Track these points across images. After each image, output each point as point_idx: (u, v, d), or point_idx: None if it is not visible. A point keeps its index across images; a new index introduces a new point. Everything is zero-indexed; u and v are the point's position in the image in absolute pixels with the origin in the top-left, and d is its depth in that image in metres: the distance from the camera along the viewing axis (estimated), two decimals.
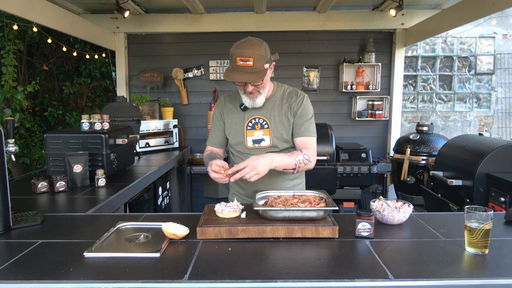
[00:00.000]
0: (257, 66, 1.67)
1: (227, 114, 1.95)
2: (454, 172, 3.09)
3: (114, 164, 2.55)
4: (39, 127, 5.40)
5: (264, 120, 1.89)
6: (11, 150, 1.70)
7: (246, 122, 1.90)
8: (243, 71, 1.67)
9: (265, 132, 1.89)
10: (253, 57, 1.65)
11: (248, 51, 1.65)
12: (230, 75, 1.69)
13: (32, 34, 5.02)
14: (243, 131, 1.90)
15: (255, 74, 1.68)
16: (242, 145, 1.92)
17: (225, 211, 1.48)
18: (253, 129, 1.89)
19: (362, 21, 4.42)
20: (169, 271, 1.12)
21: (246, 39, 1.72)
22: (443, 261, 1.17)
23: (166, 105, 4.46)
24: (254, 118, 1.89)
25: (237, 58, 1.66)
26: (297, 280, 1.06)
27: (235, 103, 1.94)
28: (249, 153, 1.91)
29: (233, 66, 1.70)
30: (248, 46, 1.67)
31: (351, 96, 4.73)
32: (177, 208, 4.17)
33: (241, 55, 1.65)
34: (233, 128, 1.93)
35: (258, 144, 1.90)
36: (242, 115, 1.91)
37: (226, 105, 1.96)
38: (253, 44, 1.68)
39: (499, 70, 6.29)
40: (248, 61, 1.65)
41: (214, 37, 4.66)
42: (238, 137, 1.92)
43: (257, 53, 1.67)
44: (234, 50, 1.69)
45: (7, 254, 1.26)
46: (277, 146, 1.90)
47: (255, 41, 1.70)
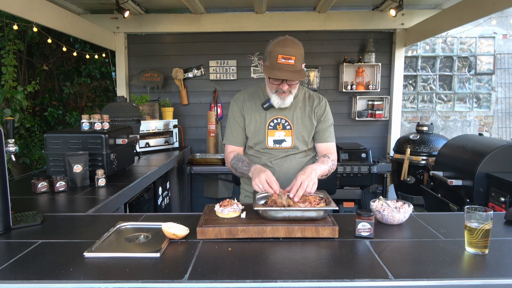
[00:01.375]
0: (297, 65, 1.67)
1: (247, 112, 1.91)
2: (454, 172, 3.09)
3: (114, 164, 2.55)
4: (39, 127, 5.40)
5: (286, 121, 1.88)
6: (11, 150, 1.70)
7: (268, 121, 1.88)
8: (284, 69, 1.65)
9: (287, 133, 1.88)
10: (295, 56, 1.65)
11: (291, 50, 1.65)
12: (272, 73, 1.67)
13: (32, 34, 5.02)
14: (264, 131, 1.88)
15: (296, 73, 1.67)
16: (262, 145, 1.90)
17: (225, 211, 1.48)
18: (274, 129, 1.88)
19: (362, 21, 4.42)
20: (169, 271, 1.12)
21: (284, 37, 1.71)
22: (443, 261, 1.17)
23: (166, 105, 4.46)
24: (276, 118, 1.88)
25: (278, 56, 1.64)
26: (297, 280, 1.06)
27: (256, 101, 1.91)
28: (268, 153, 1.90)
29: (272, 64, 1.67)
30: (290, 45, 1.66)
31: (351, 96, 4.73)
32: (177, 208, 4.17)
33: (284, 53, 1.64)
34: (253, 127, 1.90)
35: (279, 144, 1.89)
36: (264, 114, 1.89)
37: (245, 103, 1.92)
38: (294, 43, 1.68)
39: (499, 70, 6.29)
40: (290, 59, 1.64)
41: (214, 37, 4.66)
42: (258, 136, 1.89)
43: (299, 52, 1.67)
44: (275, 47, 1.67)
45: (7, 254, 1.26)
46: (297, 147, 1.90)
47: (295, 40, 1.70)
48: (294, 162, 1.92)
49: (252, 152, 1.96)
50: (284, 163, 1.90)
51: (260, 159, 1.93)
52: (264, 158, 1.92)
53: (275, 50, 1.66)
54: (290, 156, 1.91)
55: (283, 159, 1.90)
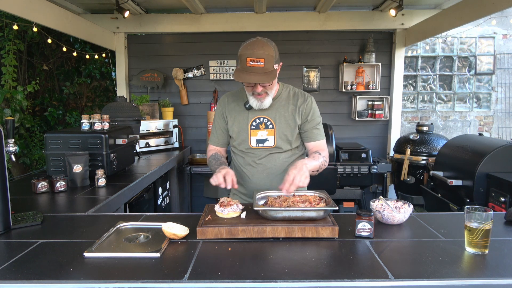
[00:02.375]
0: (267, 67, 1.65)
1: (230, 113, 1.92)
2: (454, 172, 3.09)
3: (114, 164, 2.55)
4: (39, 127, 5.40)
5: (268, 120, 1.87)
6: (11, 150, 1.70)
7: (250, 121, 1.88)
8: (254, 72, 1.64)
9: (270, 132, 1.87)
10: (263, 57, 1.63)
11: (259, 52, 1.63)
12: (240, 76, 1.66)
13: (32, 34, 5.02)
14: (246, 131, 1.89)
15: (266, 75, 1.66)
16: (245, 144, 1.90)
17: (225, 211, 1.48)
18: (257, 128, 1.88)
19: (362, 21, 4.42)
20: (169, 271, 1.12)
21: (255, 39, 1.69)
22: (443, 261, 1.17)
23: (166, 105, 4.46)
24: (258, 118, 1.88)
25: (247, 59, 1.63)
26: (297, 280, 1.06)
27: (239, 102, 1.92)
28: (252, 153, 1.90)
29: (242, 67, 1.66)
30: (258, 47, 1.64)
31: (351, 96, 4.73)
32: (177, 208, 4.17)
33: (251, 55, 1.63)
34: (236, 127, 1.91)
35: (262, 144, 1.89)
36: (246, 114, 1.89)
37: (229, 104, 1.94)
38: (263, 45, 1.66)
39: (499, 70, 6.29)
40: (259, 61, 1.63)
41: (214, 37, 4.66)
42: (241, 136, 1.90)
43: (268, 53, 1.65)
44: (244, 50, 1.66)
45: (7, 254, 1.26)
46: (280, 147, 1.89)
47: (264, 41, 1.68)
48: (278, 161, 1.90)
49: (237, 151, 1.97)
50: (268, 162, 1.89)
51: (245, 159, 1.93)
52: (248, 158, 1.92)
53: (244, 53, 1.65)
54: (273, 155, 1.90)
55: (266, 158, 1.89)
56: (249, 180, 1.93)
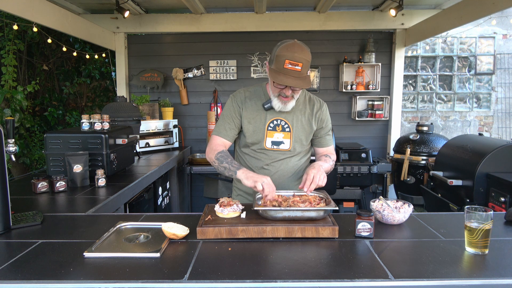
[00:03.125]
0: (303, 71, 1.64)
1: (246, 111, 1.87)
2: (454, 172, 3.09)
3: (114, 164, 2.55)
4: (39, 127, 5.40)
5: (286, 123, 1.87)
6: (11, 150, 1.70)
7: (267, 122, 1.86)
8: (290, 75, 1.63)
9: (286, 135, 1.87)
10: (302, 62, 1.62)
11: (299, 56, 1.62)
12: (277, 78, 1.64)
13: (32, 34, 5.02)
14: (263, 131, 1.86)
15: (302, 80, 1.65)
16: (259, 145, 1.88)
17: (225, 211, 1.48)
18: (274, 130, 1.87)
19: (362, 21, 4.42)
20: (169, 271, 1.12)
21: (293, 41, 1.68)
22: (443, 261, 1.17)
23: (166, 105, 4.46)
24: (276, 119, 1.86)
25: (286, 61, 1.61)
26: (297, 280, 1.06)
27: (257, 101, 1.88)
28: (265, 154, 1.89)
29: (278, 68, 1.64)
30: (298, 50, 1.63)
31: (351, 96, 4.73)
32: (177, 208, 4.17)
33: (291, 58, 1.61)
34: (252, 126, 1.87)
35: (277, 146, 1.88)
36: (264, 114, 1.86)
37: (246, 102, 1.89)
38: (303, 49, 1.65)
39: (499, 70, 6.29)
40: (297, 65, 1.62)
41: (214, 37, 4.66)
42: (256, 136, 1.87)
43: (306, 58, 1.64)
44: (283, 51, 1.64)
45: (7, 254, 1.26)
46: (295, 150, 1.90)
47: (303, 46, 1.68)
48: (290, 165, 1.91)
49: (248, 151, 1.93)
50: (280, 165, 1.90)
51: (257, 160, 1.92)
52: (261, 159, 1.91)
53: (283, 54, 1.63)
54: (286, 159, 1.90)
55: (280, 162, 1.90)
56: None
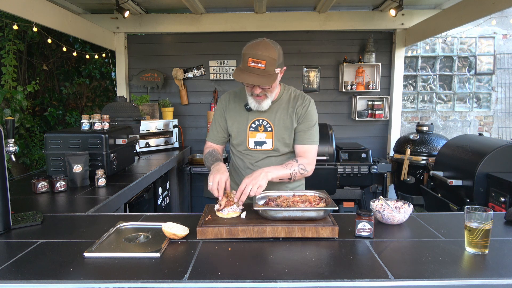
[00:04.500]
0: (268, 69, 1.62)
1: (230, 112, 1.91)
2: (454, 172, 3.09)
3: (114, 164, 2.55)
4: (39, 127, 5.40)
5: (268, 122, 1.85)
6: (11, 150, 1.70)
7: (249, 122, 1.86)
8: (254, 73, 1.62)
9: (268, 135, 1.85)
10: (265, 60, 1.60)
11: (261, 53, 1.60)
12: (239, 75, 1.64)
13: (32, 34, 5.02)
14: (245, 132, 1.87)
15: (265, 77, 1.63)
16: (243, 146, 1.89)
17: (225, 211, 1.48)
18: (256, 130, 1.86)
19: (362, 21, 4.42)
20: (169, 271, 1.12)
21: (260, 40, 1.67)
22: (443, 261, 1.17)
23: (166, 105, 4.46)
24: (258, 120, 1.86)
25: (249, 59, 1.61)
26: (297, 280, 1.06)
27: (240, 102, 1.89)
28: (250, 155, 1.89)
29: (243, 66, 1.64)
30: (262, 48, 1.62)
31: (351, 96, 4.73)
32: (177, 208, 4.17)
33: (254, 56, 1.60)
34: (235, 127, 1.89)
35: (260, 146, 1.87)
36: (246, 115, 1.87)
37: (229, 103, 1.92)
38: (267, 47, 1.63)
39: (499, 70, 6.29)
40: (260, 63, 1.60)
41: (214, 37, 4.66)
42: (240, 137, 1.89)
43: (271, 56, 1.62)
44: (247, 50, 1.63)
45: (7, 254, 1.26)
46: (278, 149, 1.87)
47: (270, 43, 1.66)
48: (275, 164, 1.85)
49: (236, 152, 1.96)
50: (264, 165, 1.84)
51: (243, 161, 1.93)
52: (246, 160, 1.91)
53: (247, 52, 1.62)
54: (271, 158, 1.88)
55: (264, 161, 1.88)
56: None
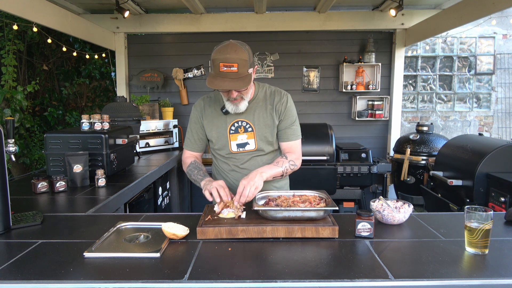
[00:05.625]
0: (241, 71, 1.59)
1: (207, 118, 1.86)
2: (454, 172, 3.09)
3: (114, 164, 2.55)
4: (39, 127, 5.40)
5: (247, 123, 1.83)
6: (11, 150, 1.70)
7: (228, 125, 1.83)
8: (227, 77, 1.58)
9: (249, 135, 1.83)
10: (237, 62, 1.56)
11: (232, 56, 1.56)
12: (213, 82, 1.60)
13: (32, 34, 5.02)
14: (226, 135, 1.84)
15: (240, 80, 1.60)
16: (226, 150, 1.86)
17: (225, 211, 1.48)
18: (236, 132, 1.83)
19: (362, 21, 4.42)
20: (169, 271, 1.12)
21: (227, 42, 1.63)
22: (443, 261, 1.17)
23: (166, 105, 4.46)
24: (236, 122, 1.83)
25: (220, 64, 1.56)
26: (297, 280, 1.06)
27: (216, 106, 1.86)
28: (234, 158, 1.87)
29: (215, 72, 1.60)
30: (231, 51, 1.58)
31: (351, 96, 4.73)
32: (177, 208, 4.16)
33: (224, 60, 1.56)
34: (215, 132, 1.85)
35: (243, 148, 1.85)
36: (224, 118, 1.84)
37: (205, 109, 1.87)
38: (236, 49, 1.59)
39: (499, 70, 6.29)
40: (232, 66, 1.56)
41: (214, 37, 4.66)
42: (221, 141, 1.85)
43: (241, 57, 1.58)
44: (216, 55, 1.59)
45: (7, 254, 1.26)
46: (262, 149, 1.86)
47: (237, 44, 1.62)
48: (261, 164, 1.85)
49: (219, 157, 1.93)
50: (251, 166, 1.85)
51: (228, 165, 1.90)
52: (231, 163, 1.89)
53: (217, 58, 1.58)
54: (256, 158, 1.87)
55: (249, 162, 1.86)
56: (235, 185, 1.86)
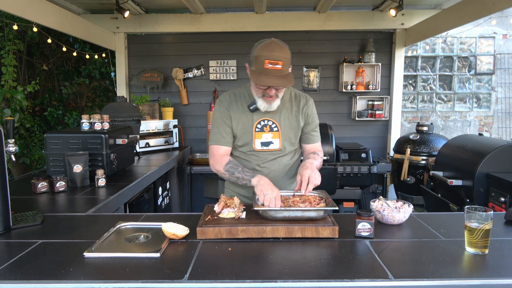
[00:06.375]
0: (284, 69, 1.63)
1: (234, 113, 1.87)
2: (454, 172, 3.09)
3: (114, 164, 2.55)
4: (39, 127, 5.40)
5: (273, 122, 1.86)
6: (11, 150, 1.70)
7: (255, 123, 1.85)
8: (272, 75, 1.61)
9: (275, 135, 1.86)
10: (282, 60, 1.61)
11: (278, 54, 1.61)
12: (259, 79, 1.62)
13: (32, 34, 5.02)
14: (251, 133, 1.85)
15: (284, 78, 1.63)
16: (249, 147, 1.87)
17: (225, 211, 1.48)
18: (261, 131, 1.85)
19: (362, 21, 4.42)
20: (169, 271, 1.12)
21: (270, 40, 1.67)
22: (443, 261, 1.17)
23: (166, 105, 4.46)
24: (263, 120, 1.85)
25: (265, 61, 1.60)
26: (297, 280, 1.06)
27: (243, 103, 1.87)
28: (256, 155, 1.88)
29: (259, 69, 1.63)
30: (277, 49, 1.62)
31: (351, 96, 4.73)
32: (177, 208, 4.17)
33: (270, 58, 1.60)
34: (240, 129, 1.87)
35: (267, 146, 1.87)
36: (250, 116, 1.85)
37: (232, 104, 1.88)
38: (281, 47, 1.64)
39: (499, 70, 6.29)
40: (278, 64, 1.60)
41: (214, 37, 4.66)
42: (245, 138, 1.87)
43: (286, 56, 1.63)
44: (261, 51, 1.62)
45: (7, 254, 1.26)
46: (285, 149, 1.89)
47: (281, 43, 1.67)
48: (282, 164, 1.90)
49: (238, 153, 1.92)
50: (272, 166, 1.88)
51: (248, 162, 1.90)
52: (252, 160, 1.90)
53: (262, 54, 1.61)
54: (278, 158, 1.89)
55: (271, 162, 1.88)
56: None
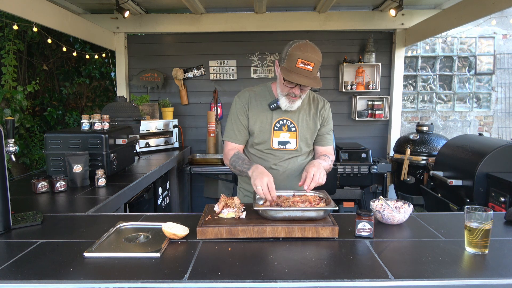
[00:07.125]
0: (314, 71, 1.66)
1: (252, 111, 1.88)
2: (454, 172, 3.09)
3: (114, 164, 2.55)
4: (39, 127, 5.39)
5: (292, 122, 1.88)
6: (11, 150, 1.70)
7: (274, 122, 1.87)
8: (302, 74, 1.64)
9: (292, 135, 1.88)
10: (314, 62, 1.64)
11: (312, 56, 1.64)
12: (289, 76, 1.65)
13: (32, 34, 5.02)
14: (269, 131, 1.87)
15: (313, 79, 1.66)
16: (266, 145, 1.89)
17: (225, 211, 1.48)
18: (280, 130, 1.88)
19: (362, 21, 4.42)
20: (169, 271, 1.12)
21: (305, 41, 1.70)
22: (443, 261, 1.17)
23: (166, 105, 4.46)
24: (282, 119, 1.87)
25: (298, 60, 1.63)
26: (297, 280, 1.06)
27: (262, 101, 1.89)
28: (272, 154, 1.90)
29: (290, 66, 1.66)
30: (311, 50, 1.65)
31: (351, 96, 4.73)
32: (177, 208, 4.17)
33: (304, 58, 1.63)
34: (258, 126, 1.88)
35: (284, 146, 1.89)
36: (269, 114, 1.87)
37: (251, 101, 1.89)
38: (315, 50, 1.68)
39: (499, 70, 6.29)
40: (309, 65, 1.63)
41: (214, 37, 4.66)
42: (262, 136, 1.88)
43: (318, 59, 1.67)
44: (296, 51, 1.65)
45: (7, 254, 1.26)
46: (301, 149, 1.91)
47: (315, 46, 1.70)
48: (297, 164, 1.93)
49: (255, 151, 1.94)
50: (288, 165, 1.91)
51: (264, 160, 1.91)
52: (270, 159, 1.91)
53: (296, 53, 1.64)
54: (293, 158, 1.92)
55: (287, 161, 1.91)
56: None
